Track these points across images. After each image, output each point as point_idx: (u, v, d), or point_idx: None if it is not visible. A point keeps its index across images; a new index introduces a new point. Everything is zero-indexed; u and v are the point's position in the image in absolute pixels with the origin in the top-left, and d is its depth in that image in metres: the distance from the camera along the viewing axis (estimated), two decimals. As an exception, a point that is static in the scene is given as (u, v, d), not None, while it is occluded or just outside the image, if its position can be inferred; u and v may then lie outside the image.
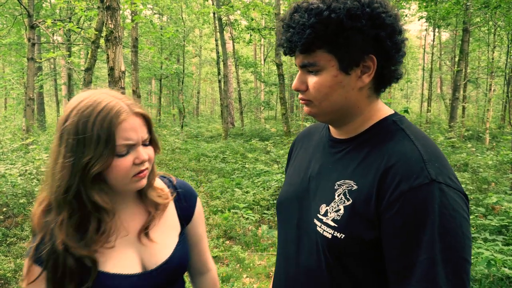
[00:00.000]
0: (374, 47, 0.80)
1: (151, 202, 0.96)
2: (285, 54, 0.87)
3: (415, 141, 0.80)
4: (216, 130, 16.83)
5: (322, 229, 0.84)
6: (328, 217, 0.83)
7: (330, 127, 0.97)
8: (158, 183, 1.02)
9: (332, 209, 0.83)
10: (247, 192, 5.98)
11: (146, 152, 0.87)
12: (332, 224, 0.82)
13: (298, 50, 0.82)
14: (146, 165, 0.87)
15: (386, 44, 0.80)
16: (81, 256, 0.83)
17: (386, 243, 0.76)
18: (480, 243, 3.62)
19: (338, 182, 0.85)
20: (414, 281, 0.71)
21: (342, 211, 0.81)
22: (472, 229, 4.11)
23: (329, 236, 0.82)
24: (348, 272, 0.82)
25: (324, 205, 0.85)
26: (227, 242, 4.40)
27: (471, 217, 4.40)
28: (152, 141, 0.91)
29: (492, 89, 13.22)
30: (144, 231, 0.93)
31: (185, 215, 1.04)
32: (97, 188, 0.83)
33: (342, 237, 0.80)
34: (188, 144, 11.68)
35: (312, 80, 0.83)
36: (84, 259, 0.83)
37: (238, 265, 3.80)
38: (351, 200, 0.81)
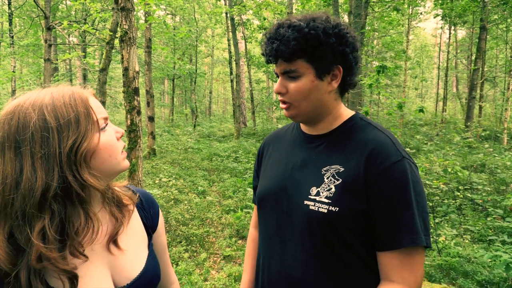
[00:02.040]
0: (340, 60, 1.01)
1: (118, 203, 0.88)
2: (268, 62, 1.05)
3: (383, 131, 1.04)
4: (228, 129, 16.87)
5: (317, 206, 0.99)
6: (321, 196, 0.99)
7: (302, 127, 1.15)
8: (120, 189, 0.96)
9: (324, 189, 1.00)
10: (259, 192, 5.97)
11: (119, 128, 0.85)
12: (326, 200, 0.98)
13: (282, 59, 1.00)
14: (123, 143, 0.84)
15: (348, 58, 1.01)
16: (63, 272, 0.72)
17: (375, 209, 0.95)
18: (498, 246, 3.53)
19: (324, 168, 1.02)
20: (403, 233, 0.92)
21: (333, 189, 0.98)
22: (490, 231, 4.02)
23: (325, 211, 0.97)
24: (345, 242, 0.98)
25: (315, 187, 1.01)
26: (240, 241, 4.41)
27: (488, 219, 4.30)
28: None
29: (511, 88, 12.89)
30: (114, 238, 0.83)
31: (151, 224, 0.97)
32: (87, 171, 0.75)
33: (336, 210, 0.96)
34: (201, 143, 11.74)
35: (292, 84, 1.02)
36: (62, 277, 0.72)
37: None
38: (341, 180, 0.99)
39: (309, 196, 1.01)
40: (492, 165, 6.81)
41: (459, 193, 5.01)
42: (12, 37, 12.44)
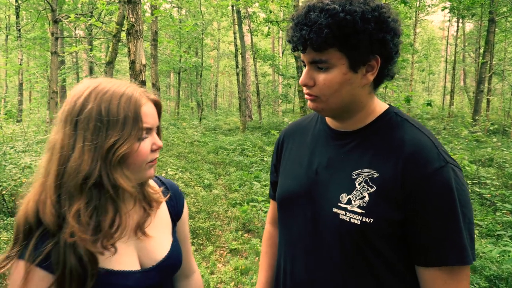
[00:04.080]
0: (379, 48, 0.87)
1: (146, 199, 0.94)
2: (294, 50, 0.91)
3: (422, 130, 0.91)
4: (234, 123, 16.87)
5: (349, 216, 0.88)
6: (353, 204, 0.88)
7: (328, 120, 1.02)
8: (150, 182, 1.01)
9: (356, 197, 0.88)
10: (265, 186, 5.98)
11: (160, 141, 0.89)
12: (359, 210, 0.87)
13: (311, 47, 0.87)
14: (158, 153, 0.88)
15: (389, 46, 0.88)
16: (89, 253, 0.78)
17: (414, 221, 0.84)
18: (507, 241, 3.51)
19: (355, 172, 0.91)
20: (447, 249, 0.82)
21: (367, 198, 0.87)
22: (498, 226, 3.99)
23: (358, 222, 0.87)
24: (379, 254, 0.88)
25: (345, 194, 0.90)
26: (246, 235, 4.43)
27: (497, 214, 4.27)
28: (159, 131, 0.92)
29: (520, 81, 12.72)
30: (141, 227, 0.91)
31: (176, 213, 1.04)
32: (120, 172, 0.80)
33: (371, 222, 0.86)
34: (206, 137, 11.76)
35: (321, 76, 0.89)
36: (89, 256, 0.78)
37: (257, 258, 3.81)
38: (375, 187, 0.87)
39: (339, 204, 0.91)
40: (501, 159, 6.75)
41: (467, 188, 4.97)
42: (19, 30, 12.49)
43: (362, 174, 0.90)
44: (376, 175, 0.88)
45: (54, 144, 0.80)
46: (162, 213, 0.99)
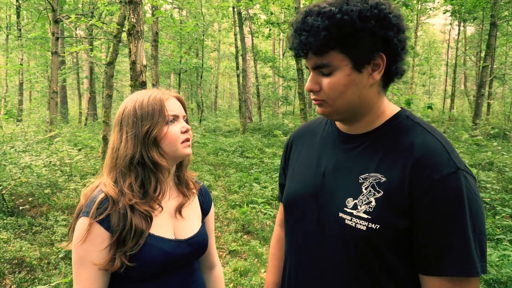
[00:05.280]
0: (383, 46, 0.85)
1: (186, 184, 1.19)
2: (297, 57, 0.91)
3: (434, 134, 0.88)
4: (234, 124, 16.87)
5: (354, 222, 0.86)
6: (359, 210, 0.86)
7: (338, 123, 1.01)
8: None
9: (362, 202, 0.87)
10: (265, 187, 5.97)
11: (187, 125, 1.12)
12: (365, 216, 0.85)
13: (311, 52, 0.87)
14: (189, 135, 1.11)
15: (393, 43, 0.86)
16: (143, 211, 1.01)
17: (420, 228, 0.82)
18: (506, 245, 3.50)
19: (362, 176, 0.89)
20: (452, 259, 0.79)
21: (373, 203, 0.85)
22: (498, 230, 3.98)
23: (364, 228, 0.85)
24: (383, 261, 0.86)
25: (351, 198, 0.88)
26: (245, 236, 4.41)
27: (497, 218, 4.26)
28: (187, 121, 1.15)
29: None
30: (180, 208, 1.13)
31: (205, 208, 1.26)
32: (155, 150, 1.05)
33: (377, 228, 0.84)
34: (206, 138, 11.76)
35: (325, 80, 0.88)
36: (142, 217, 1.01)
37: (256, 259, 3.80)
38: (382, 192, 0.85)
39: (345, 209, 0.89)
40: (501, 163, 6.74)
41: (466, 191, 4.96)
42: (20, 29, 12.50)
43: (369, 179, 0.88)
44: (384, 179, 0.86)
45: (111, 142, 1.09)
46: (196, 204, 1.22)
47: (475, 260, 0.79)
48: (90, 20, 7.45)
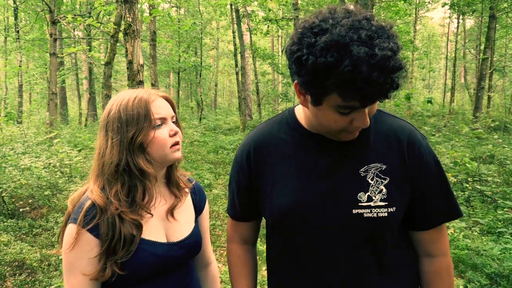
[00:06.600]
0: None
1: (177, 185, 1.14)
2: (365, 106, 0.84)
3: (398, 117, 1.02)
4: (234, 122, 16.85)
5: (375, 212, 0.92)
6: (375, 200, 0.92)
7: (307, 126, 0.99)
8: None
9: (375, 192, 0.93)
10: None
11: (176, 127, 1.07)
12: (383, 203, 0.92)
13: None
14: (179, 138, 1.06)
15: None
16: (131, 220, 0.98)
17: (422, 192, 0.96)
18: (508, 238, 3.49)
19: (362, 170, 0.94)
20: (450, 205, 0.99)
21: (384, 190, 0.93)
22: (499, 223, 3.96)
23: (386, 214, 0.92)
24: (394, 237, 0.98)
25: (362, 193, 0.93)
26: (246, 234, 4.41)
27: (499, 211, 4.25)
28: (177, 121, 1.10)
29: (520, 77, 12.66)
30: (171, 210, 1.10)
31: (198, 206, 1.23)
32: (142, 157, 1.00)
33: (394, 210, 0.93)
34: (206, 136, 11.75)
35: (368, 110, 0.87)
36: (132, 225, 0.99)
37: (257, 257, 3.80)
38: (388, 178, 0.93)
39: (360, 204, 0.92)
40: (502, 156, 6.71)
41: (467, 185, 4.95)
42: (18, 31, 12.47)
43: (370, 170, 0.94)
44: (384, 167, 0.94)
45: (97, 147, 1.05)
46: (188, 204, 1.19)
47: (453, 195, 1.01)
48: (87, 20, 7.43)
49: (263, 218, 1.15)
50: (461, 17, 17.93)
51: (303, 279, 1.01)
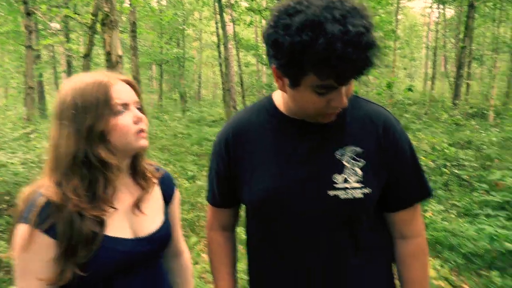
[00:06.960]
0: None
1: (143, 176, 1.06)
2: (341, 84, 0.83)
3: (373, 102, 1.04)
4: (219, 114, 16.77)
5: (350, 194, 0.93)
6: (351, 181, 0.94)
7: (286, 111, 1.00)
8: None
9: (350, 174, 0.94)
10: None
11: (140, 113, 0.98)
12: (358, 185, 0.94)
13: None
14: (144, 125, 0.98)
15: None
16: (92, 217, 0.90)
17: (396, 175, 0.99)
18: (483, 219, 3.61)
19: (337, 152, 0.95)
20: (423, 185, 1.03)
21: (360, 172, 0.94)
22: (475, 205, 4.09)
23: (361, 195, 0.94)
24: (370, 220, 1.01)
25: (337, 174, 0.94)
26: (230, 224, 4.43)
27: (475, 194, 4.38)
28: (142, 108, 1.02)
29: (497, 65, 12.97)
30: (138, 204, 1.02)
31: (167, 196, 1.15)
32: (102, 147, 0.92)
33: (370, 192, 0.95)
34: (190, 128, 11.67)
35: (345, 89, 0.87)
36: (93, 222, 0.90)
37: (241, 246, 3.82)
38: (364, 161, 0.95)
39: (335, 185, 0.93)
40: (479, 141, 6.91)
41: (446, 170, 5.08)
42: (-9, 24, 12.02)
43: (346, 153, 0.95)
44: (360, 150, 0.95)
45: (51, 138, 0.95)
46: (156, 194, 1.11)
47: (425, 176, 1.05)
48: (62, 10, 7.22)
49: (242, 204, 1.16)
50: (441, 6, 18.18)
51: (281, 265, 1.02)
